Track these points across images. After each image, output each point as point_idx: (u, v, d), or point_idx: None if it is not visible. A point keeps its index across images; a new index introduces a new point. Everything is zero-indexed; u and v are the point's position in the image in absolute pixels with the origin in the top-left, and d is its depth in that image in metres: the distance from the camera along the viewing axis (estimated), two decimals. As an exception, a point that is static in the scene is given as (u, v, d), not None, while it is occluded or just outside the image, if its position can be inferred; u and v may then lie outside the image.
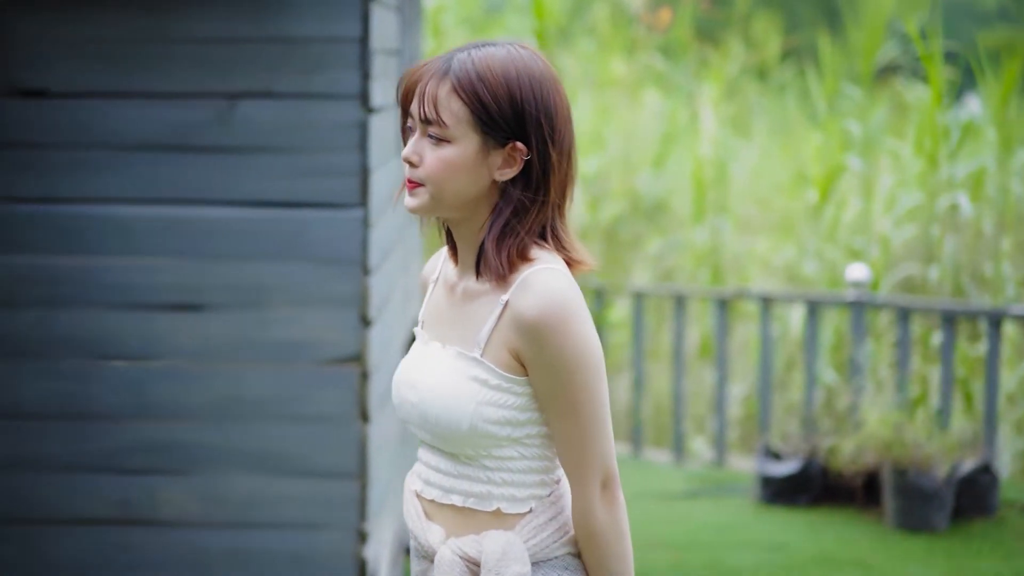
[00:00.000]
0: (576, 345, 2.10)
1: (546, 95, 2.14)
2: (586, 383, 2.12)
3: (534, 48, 2.22)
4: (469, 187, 2.14)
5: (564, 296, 2.11)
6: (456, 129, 2.12)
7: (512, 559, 2.19)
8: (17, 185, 4.43)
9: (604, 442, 2.16)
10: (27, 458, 4.50)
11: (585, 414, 2.14)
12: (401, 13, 5.48)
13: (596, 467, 2.15)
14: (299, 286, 4.43)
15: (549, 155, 2.14)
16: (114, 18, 4.36)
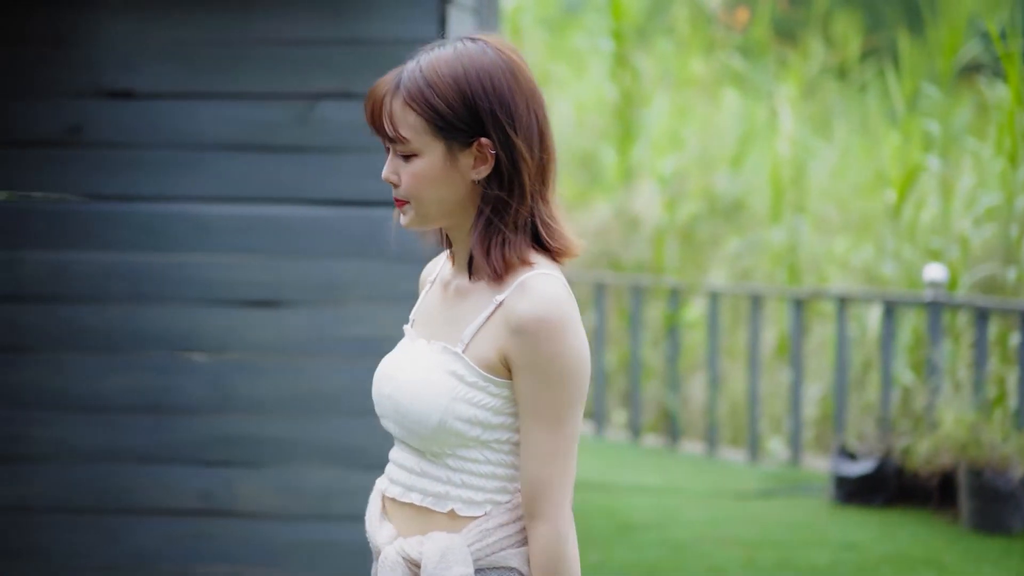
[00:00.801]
0: (569, 355, 2.05)
1: (498, 84, 2.06)
2: (572, 398, 2.06)
3: (490, 37, 2.14)
4: (448, 195, 2.10)
5: (563, 304, 2.06)
6: (418, 141, 2.08)
7: (452, 561, 2.11)
8: (103, 184, 4.55)
9: (574, 466, 2.09)
10: (111, 449, 4.62)
11: (567, 431, 2.06)
12: (478, 14, 5.54)
13: (568, 488, 2.08)
14: (373, 283, 4.51)
15: (514, 144, 2.06)
16: (198, 21, 4.47)
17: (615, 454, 9.02)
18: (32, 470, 4.64)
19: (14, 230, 4.59)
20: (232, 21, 4.46)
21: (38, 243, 4.58)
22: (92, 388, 4.59)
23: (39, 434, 4.62)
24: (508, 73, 2.07)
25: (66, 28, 4.51)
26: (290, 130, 4.47)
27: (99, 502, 4.64)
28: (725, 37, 11.70)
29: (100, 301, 4.57)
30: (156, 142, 4.52)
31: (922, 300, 7.46)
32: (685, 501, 7.46)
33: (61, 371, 4.60)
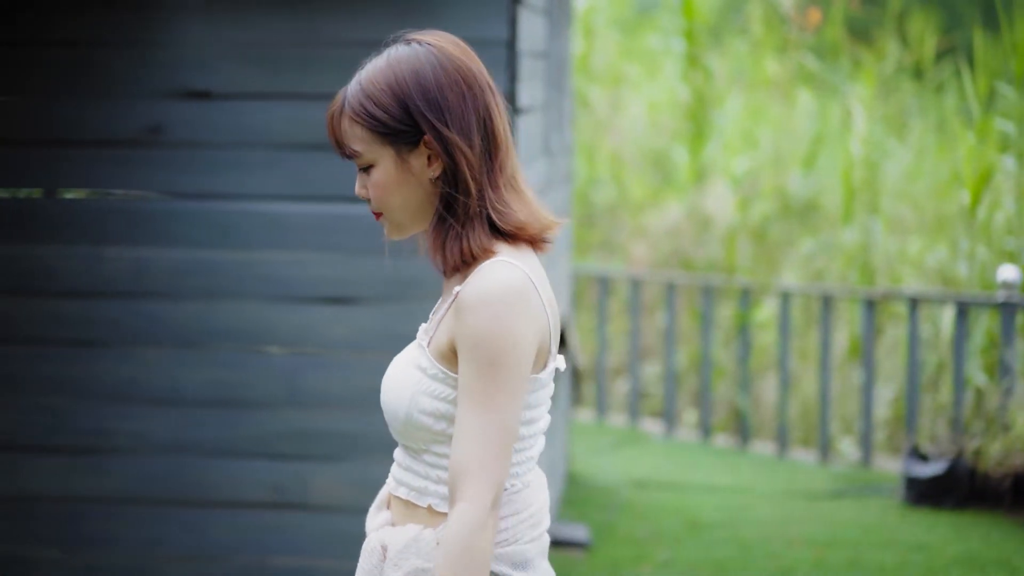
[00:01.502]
0: (503, 338, 1.99)
1: (424, 81, 2.09)
2: (503, 383, 2.00)
3: (426, 35, 2.18)
4: (410, 198, 2.11)
5: (505, 285, 2.01)
6: (369, 152, 2.11)
7: (413, 553, 2.11)
8: (180, 182, 4.64)
9: (505, 458, 2.01)
10: (186, 442, 4.71)
11: (494, 417, 2.00)
12: (549, 16, 5.59)
13: (492, 478, 2.00)
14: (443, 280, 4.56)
15: (446, 138, 2.07)
16: (273, 23, 4.55)
17: (685, 454, 9.03)
18: (110, 462, 4.75)
19: (95, 227, 4.69)
20: (306, 23, 4.54)
21: (118, 240, 4.68)
22: (168, 382, 4.69)
23: (117, 427, 4.73)
24: (438, 68, 2.09)
25: (147, 31, 4.60)
26: (363, 130, 4.53)
27: (175, 494, 4.73)
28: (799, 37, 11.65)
29: (177, 297, 4.66)
30: (232, 141, 4.61)
31: (995, 301, 7.40)
32: (755, 501, 7.46)
33: (138, 365, 4.70)
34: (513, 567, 2.10)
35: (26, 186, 4.76)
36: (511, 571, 2.10)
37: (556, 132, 6.18)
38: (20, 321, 4.73)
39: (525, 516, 2.12)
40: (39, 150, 4.70)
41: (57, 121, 4.68)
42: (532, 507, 2.14)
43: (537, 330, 2.05)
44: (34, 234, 4.71)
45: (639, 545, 6.50)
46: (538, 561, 2.14)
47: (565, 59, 6.90)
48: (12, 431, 4.77)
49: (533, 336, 2.04)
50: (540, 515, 2.18)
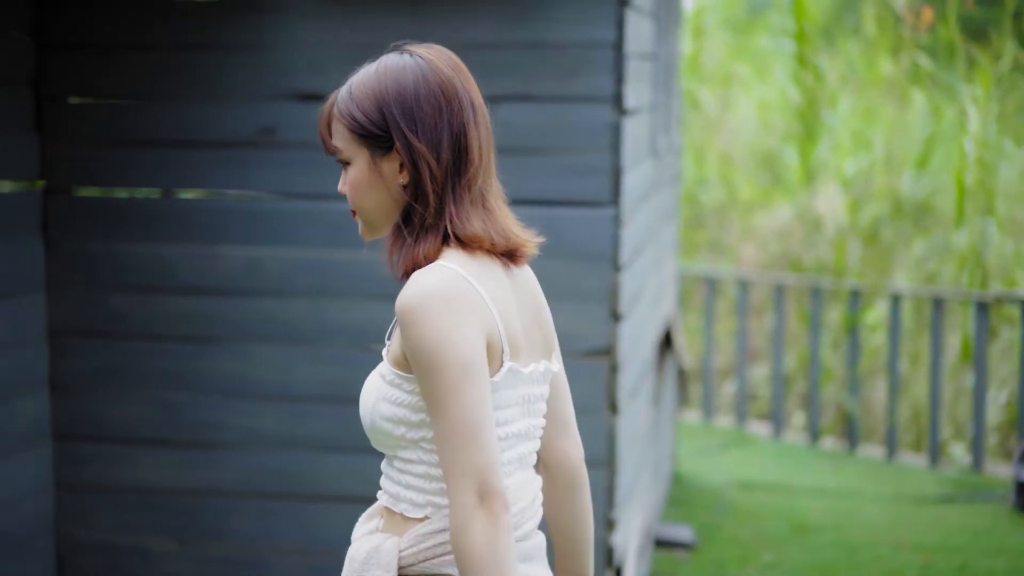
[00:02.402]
0: (433, 340, 2.00)
1: (404, 90, 2.12)
2: (453, 385, 2.00)
3: (420, 47, 2.20)
4: (380, 201, 2.15)
5: (429, 290, 2.03)
6: (348, 150, 2.16)
7: (374, 564, 2.13)
8: (292, 183, 4.73)
9: (477, 452, 2.00)
10: (297, 437, 4.80)
11: (451, 417, 2.01)
12: (656, 18, 5.60)
13: (468, 476, 1.99)
14: (552, 281, 4.57)
15: (414, 147, 2.10)
16: (384, 25, 4.62)
17: (792, 456, 8.98)
18: (224, 456, 4.85)
19: (211, 227, 4.80)
20: (416, 25, 4.60)
21: (232, 239, 4.78)
22: (279, 378, 4.78)
23: (230, 421, 4.83)
24: (420, 80, 2.12)
25: (260, 34, 4.70)
26: (472, 131, 4.58)
27: (286, 488, 4.82)
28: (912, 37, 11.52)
29: (288, 295, 4.76)
30: (344, 143, 4.68)
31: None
32: (862, 504, 7.40)
33: (251, 361, 4.80)
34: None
35: (146, 186, 4.88)
36: None
37: (663, 133, 6.19)
38: (139, 317, 4.85)
39: None
40: (158, 151, 4.82)
41: (175, 123, 4.79)
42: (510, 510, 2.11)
43: (480, 326, 2.05)
44: (153, 233, 4.83)
45: (744, 546, 6.49)
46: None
47: (673, 60, 6.91)
48: (132, 424, 4.90)
49: (476, 332, 2.03)
50: (518, 519, 2.16)
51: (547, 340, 2.23)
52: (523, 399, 2.15)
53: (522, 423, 2.16)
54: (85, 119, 4.85)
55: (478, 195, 2.15)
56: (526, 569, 2.17)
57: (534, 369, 2.16)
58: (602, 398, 4.61)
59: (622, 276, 4.62)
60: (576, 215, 4.56)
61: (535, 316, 2.21)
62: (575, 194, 4.55)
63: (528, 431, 2.18)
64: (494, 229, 2.14)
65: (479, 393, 2.00)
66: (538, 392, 2.18)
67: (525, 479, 2.20)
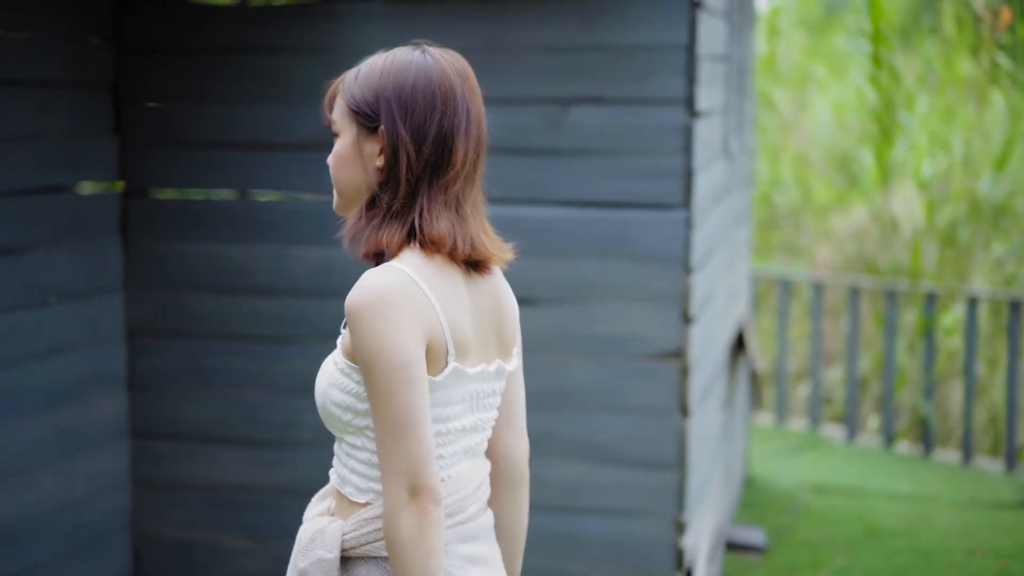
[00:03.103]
0: (372, 339, 2.07)
1: (403, 80, 2.20)
2: (386, 383, 2.08)
3: (435, 47, 2.27)
4: (354, 177, 2.24)
5: (373, 290, 2.10)
6: (340, 123, 2.25)
7: (318, 544, 2.23)
8: (366, 184, 4.77)
9: (410, 449, 2.07)
10: (370, 437, 4.84)
11: (388, 414, 2.08)
12: (729, 19, 5.59)
13: (401, 471, 2.07)
14: (623, 283, 4.61)
15: (399, 135, 2.18)
16: (457, 29, 4.64)
17: (867, 460, 8.91)
18: (298, 455, 4.90)
19: (285, 228, 4.85)
20: (491, 28, 4.62)
21: (307, 240, 4.83)
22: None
23: (304, 421, 4.88)
24: (421, 74, 2.20)
25: (333, 37, 4.74)
26: (543, 134, 4.61)
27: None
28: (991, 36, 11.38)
29: (362, 296, 4.79)
30: (417, 145, 4.71)
31: None
32: (937, 509, 7.33)
33: (326, 362, 4.84)
34: None
35: (221, 188, 4.95)
36: None
37: (736, 135, 6.18)
38: (215, 317, 4.92)
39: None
40: (233, 153, 4.89)
41: (250, 126, 4.85)
42: (448, 499, 2.22)
43: (423, 329, 2.12)
44: (228, 234, 4.89)
45: (816, 550, 6.46)
46: (451, 548, 2.22)
47: (746, 62, 6.88)
48: (207, 423, 4.97)
49: (416, 335, 2.10)
50: (456, 507, 2.25)
51: (505, 341, 2.31)
52: (470, 396, 2.23)
53: (469, 418, 2.25)
54: (162, 122, 4.92)
55: (453, 199, 2.20)
56: (469, 549, 2.27)
57: (484, 368, 2.24)
58: (673, 400, 4.61)
59: (693, 278, 4.62)
60: (647, 217, 4.56)
61: (494, 319, 2.28)
62: (646, 196, 4.55)
63: (476, 424, 2.27)
64: (460, 235, 2.19)
65: (415, 394, 2.08)
66: (488, 388, 2.26)
67: (472, 466, 2.28)
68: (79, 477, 4.78)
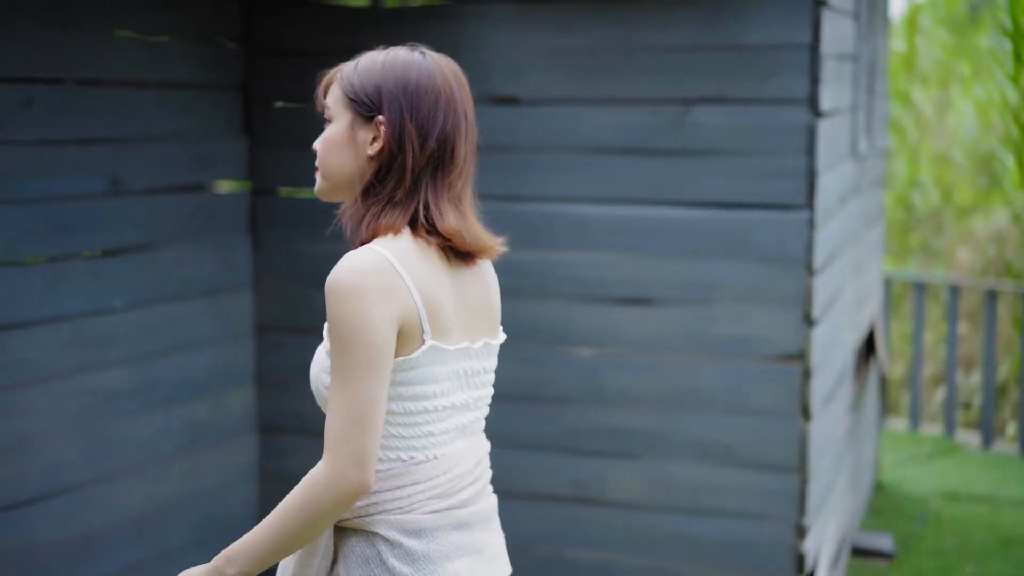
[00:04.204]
0: (341, 320, 2.12)
1: (407, 76, 2.26)
2: (351, 363, 2.13)
3: (432, 52, 2.32)
4: (346, 163, 2.30)
5: (351, 271, 2.15)
6: (335, 109, 2.31)
7: None
8: (490, 185, 4.81)
9: (363, 431, 2.12)
10: (492, 434, 4.87)
11: (349, 394, 2.13)
12: (857, 17, 5.52)
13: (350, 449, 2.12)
14: (745, 284, 4.58)
15: (405, 127, 2.24)
16: (579, 29, 4.66)
17: (1003, 467, 8.71)
18: (420, 451, 4.95)
19: (409, 227, 4.91)
20: (615, 28, 4.63)
21: (430, 239, 4.88)
22: (475, 377, 4.86)
23: (427, 418, 4.93)
24: (424, 74, 2.27)
25: (458, 38, 4.79)
26: (665, 134, 4.60)
27: (480, 484, 4.90)
28: None
29: (484, 295, 4.83)
30: (538, 146, 4.75)
31: None
32: (1075, 519, 7.16)
33: (448, 360, 4.89)
34: (404, 533, 2.24)
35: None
36: (401, 537, 2.24)
37: (865, 135, 6.10)
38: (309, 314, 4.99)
39: (426, 487, 2.25)
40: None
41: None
42: (438, 479, 2.27)
43: (397, 311, 2.17)
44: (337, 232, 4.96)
45: (945, 558, 6.35)
46: (441, 533, 2.27)
47: (878, 60, 6.79)
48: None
49: (389, 318, 2.15)
50: (449, 487, 2.30)
51: (492, 320, 2.38)
52: (457, 373, 2.29)
53: (460, 395, 2.30)
54: (290, 122, 5.02)
55: (455, 197, 2.29)
56: (463, 537, 2.31)
57: (468, 346, 2.30)
58: (794, 403, 4.57)
59: (816, 280, 4.57)
60: (769, 218, 4.53)
61: (481, 299, 2.34)
62: (768, 197, 4.52)
63: (468, 402, 2.33)
64: (465, 228, 2.27)
65: (377, 379, 2.14)
66: (478, 366, 2.33)
67: (467, 446, 2.34)
68: (209, 470, 4.90)
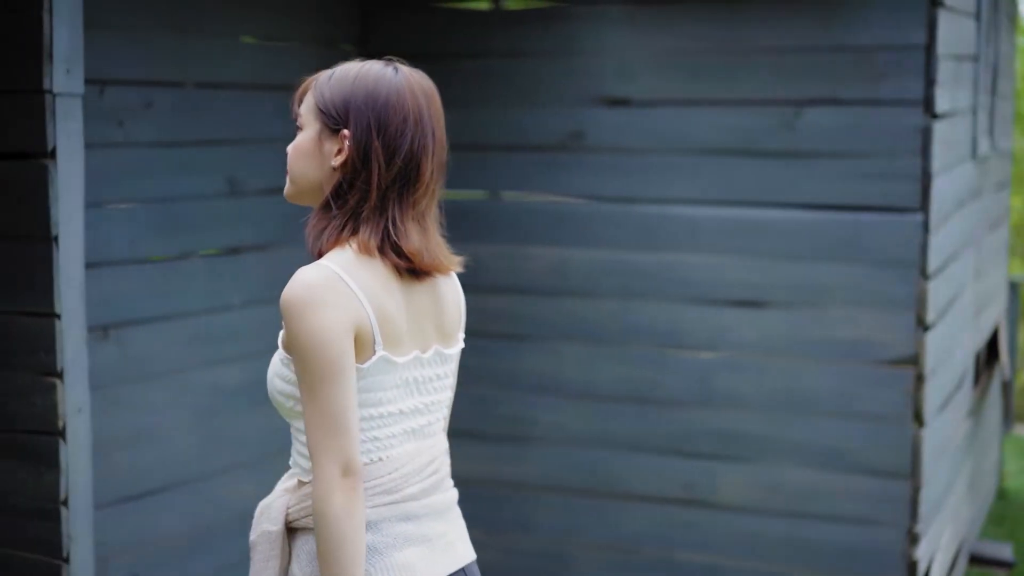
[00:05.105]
0: (301, 335, 2.20)
1: (377, 93, 2.31)
2: (315, 375, 2.21)
3: (407, 67, 2.36)
4: (311, 171, 2.35)
5: (303, 288, 2.22)
6: (306, 118, 2.36)
7: (265, 518, 2.42)
8: (602, 186, 4.83)
9: (340, 435, 2.22)
10: (601, 435, 4.90)
11: (319, 405, 2.22)
12: (978, 18, 5.43)
13: (334, 454, 2.22)
14: (857, 287, 4.54)
15: (371, 143, 2.29)
16: (692, 31, 4.66)
17: None
18: (531, 450, 4.99)
19: (523, 227, 4.95)
20: (724, 30, 4.62)
21: (542, 240, 4.92)
22: (585, 377, 4.88)
23: (538, 417, 4.97)
24: (393, 92, 2.32)
25: (572, 41, 4.81)
26: (777, 135, 4.58)
27: (590, 485, 4.92)
28: None
29: (595, 295, 4.85)
30: (649, 147, 4.75)
31: None
32: None
33: (558, 359, 4.92)
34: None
35: (463, 188, 5.07)
36: None
37: (987, 137, 6.00)
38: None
39: (370, 485, 2.34)
40: (476, 155, 5.00)
41: (491, 128, 4.96)
42: (382, 479, 2.35)
43: (351, 321, 2.24)
44: (468, 233, 5.02)
45: (1068, 569, 6.22)
46: (387, 524, 2.36)
47: (1003, 61, 6.66)
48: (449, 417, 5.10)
49: (344, 329, 2.23)
50: (393, 485, 2.38)
51: (446, 330, 2.44)
52: (407, 381, 2.37)
53: (408, 401, 2.38)
54: (406, 124, 5.07)
55: (419, 215, 2.35)
56: (410, 528, 2.40)
57: (418, 356, 2.37)
58: (907, 408, 4.51)
59: (931, 284, 4.51)
60: (882, 221, 4.48)
61: (433, 309, 2.41)
62: (882, 199, 4.48)
63: (419, 408, 2.40)
64: (426, 248, 2.34)
65: (345, 386, 2.23)
66: (430, 373, 2.41)
67: (418, 448, 2.42)
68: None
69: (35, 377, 3.40)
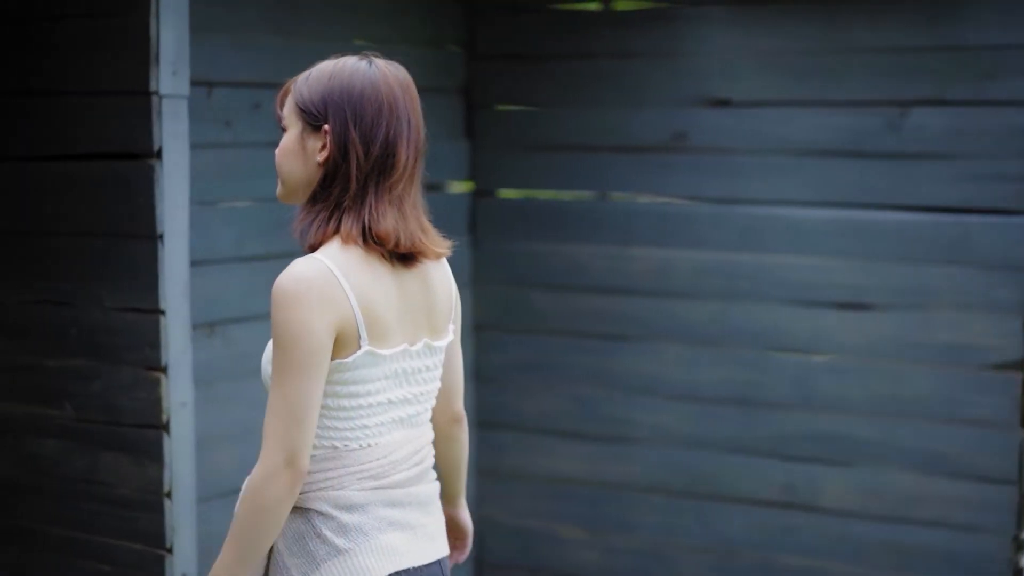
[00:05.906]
0: (282, 325, 2.28)
1: (352, 86, 2.38)
2: (286, 365, 2.28)
3: (383, 60, 2.43)
4: (298, 170, 2.43)
5: (293, 281, 2.29)
6: (289, 119, 2.45)
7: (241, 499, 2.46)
8: (703, 186, 4.83)
9: (296, 429, 2.29)
10: (702, 437, 4.89)
11: (283, 391, 2.29)
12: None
13: (284, 444, 2.29)
14: (963, 290, 4.48)
15: (348, 135, 2.37)
16: (795, 31, 4.63)
17: None
18: (632, 451, 5.00)
19: (624, 228, 4.96)
20: (828, 30, 4.58)
21: (645, 240, 4.92)
22: (686, 378, 4.88)
23: (639, 418, 4.98)
24: (367, 84, 2.39)
25: (675, 42, 4.81)
26: (883, 136, 4.54)
27: (690, 486, 4.92)
28: None
29: (696, 297, 4.85)
30: (751, 148, 4.74)
31: None
32: None
33: (659, 360, 4.92)
34: (337, 508, 2.41)
35: (565, 189, 5.10)
36: (334, 511, 2.41)
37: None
38: (556, 314, 5.08)
39: (356, 470, 2.41)
40: (577, 155, 5.03)
41: (594, 128, 4.98)
42: (370, 464, 2.43)
43: (335, 319, 2.31)
44: (570, 234, 5.04)
45: None
46: (372, 508, 2.43)
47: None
48: (548, 416, 5.13)
49: (327, 325, 2.30)
50: (381, 471, 2.45)
51: (435, 322, 2.50)
52: (396, 372, 2.43)
53: (398, 392, 2.45)
54: (510, 125, 5.12)
55: (396, 199, 2.41)
56: (394, 513, 2.47)
57: (406, 348, 2.43)
58: (1014, 413, 4.44)
59: (1039, 287, 4.44)
60: (990, 223, 4.42)
61: (423, 302, 2.47)
62: (989, 201, 4.41)
63: (408, 398, 2.48)
64: (403, 231, 2.40)
65: (312, 381, 2.30)
66: (419, 364, 2.48)
67: (405, 436, 2.49)
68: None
69: (140, 372, 3.50)
